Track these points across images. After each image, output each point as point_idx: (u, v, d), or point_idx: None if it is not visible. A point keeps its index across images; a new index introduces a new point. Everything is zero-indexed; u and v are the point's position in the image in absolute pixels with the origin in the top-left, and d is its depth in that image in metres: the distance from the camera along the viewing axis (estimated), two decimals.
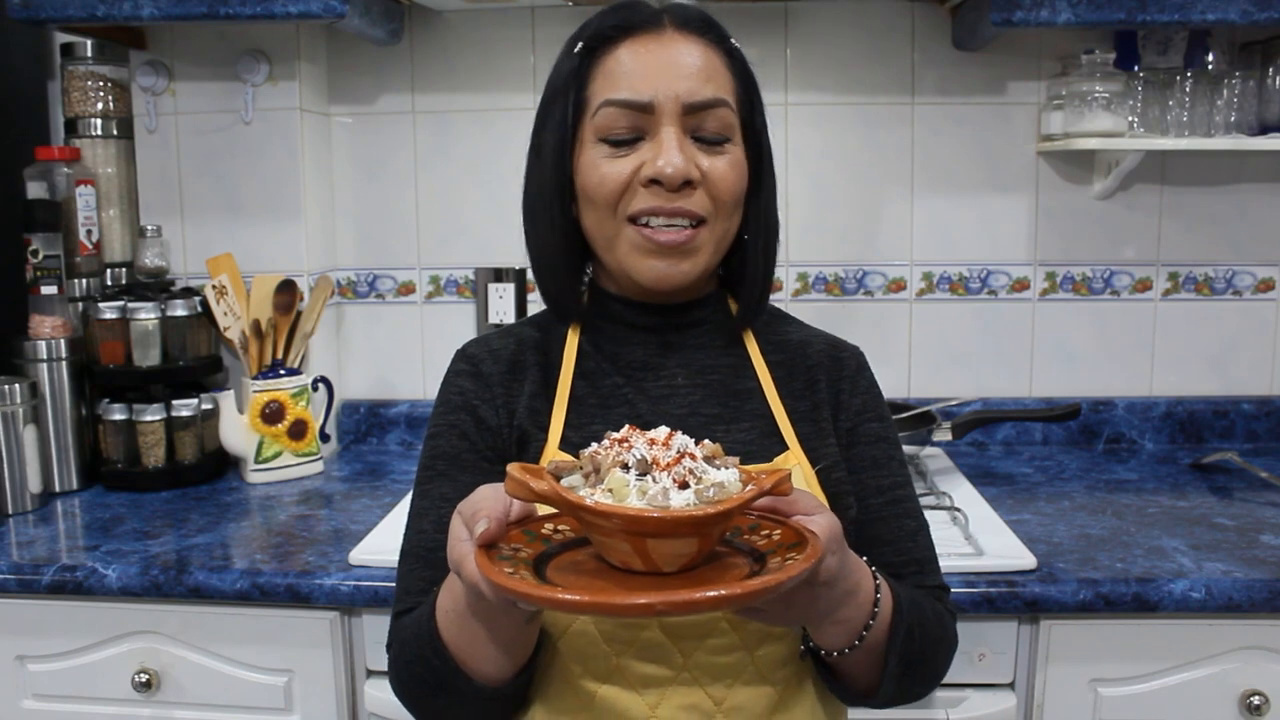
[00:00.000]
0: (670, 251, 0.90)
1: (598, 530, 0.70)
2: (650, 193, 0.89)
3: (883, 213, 1.92)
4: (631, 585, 0.69)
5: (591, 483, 0.70)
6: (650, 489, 0.67)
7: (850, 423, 0.98)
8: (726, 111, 0.92)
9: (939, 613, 0.93)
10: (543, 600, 0.65)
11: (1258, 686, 1.28)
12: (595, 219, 0.93)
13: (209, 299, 1.76)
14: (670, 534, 0.68)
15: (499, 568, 0.68)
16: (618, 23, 0.93)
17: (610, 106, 0.90)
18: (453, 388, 0.98)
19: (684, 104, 0.89)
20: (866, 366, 1.02)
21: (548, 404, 0.96)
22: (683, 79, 0.90)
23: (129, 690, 1.36)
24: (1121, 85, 1.75)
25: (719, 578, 0.70)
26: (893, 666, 0.86)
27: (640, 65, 0.90)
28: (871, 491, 0.97)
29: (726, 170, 0.91)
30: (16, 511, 1.58)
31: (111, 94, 1.83)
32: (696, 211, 0.90)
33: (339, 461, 1.90)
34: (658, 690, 0.87)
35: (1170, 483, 1.69)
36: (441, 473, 0.95)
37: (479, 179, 1.93)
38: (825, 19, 1.88)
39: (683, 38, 0.92)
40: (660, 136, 0.89)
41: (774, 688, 0.89)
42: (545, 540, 0.76)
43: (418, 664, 0.86)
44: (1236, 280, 1.92)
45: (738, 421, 0.96)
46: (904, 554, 0.96)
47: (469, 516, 0.73)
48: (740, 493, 0.69)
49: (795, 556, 0.70)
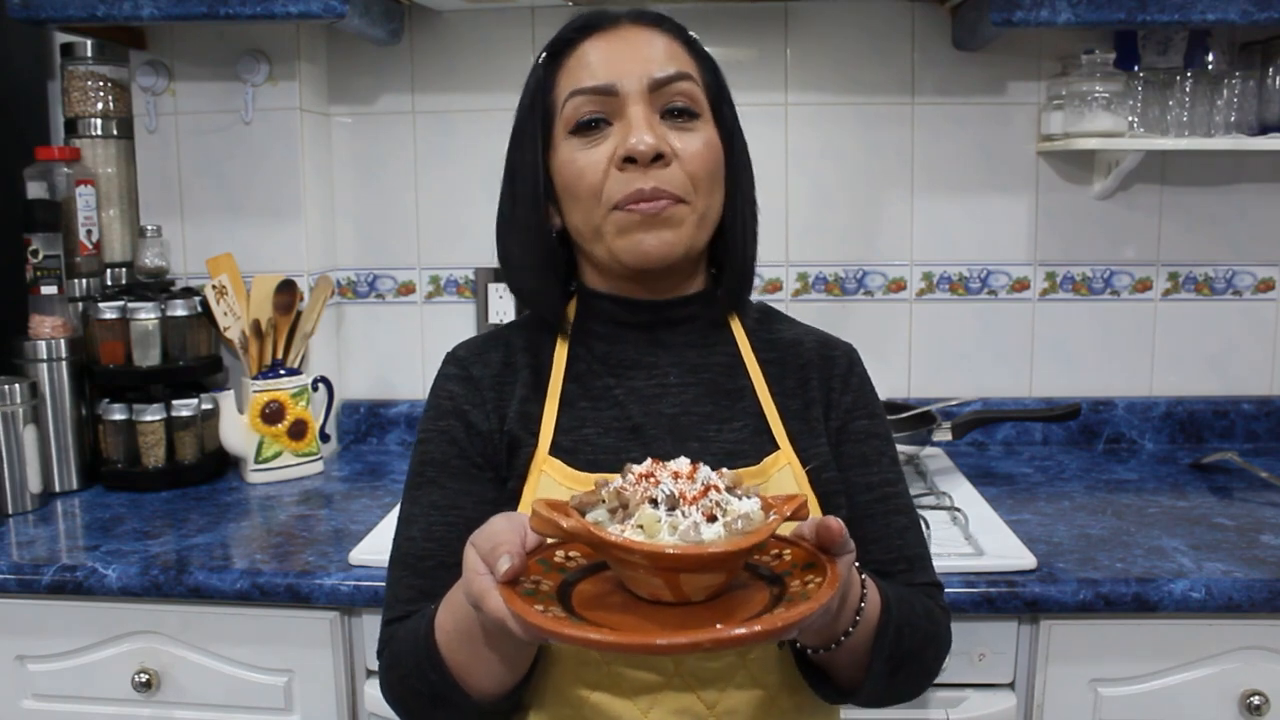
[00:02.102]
0: (652, 222, 0.91)
1: (628, 566, 0.70)
2: (627, 175, 0.90)
3: (882, 213, 1.92)
4: (661, 618, 0.69)
5: (619, 518, 0.70)
6: (681, 524, 0.68)
7: (840, 420, 0.98)
8: (691, 85, 0.93)
9: (929, 610, 0.93)
10: (583, 641, 0.65)
11: (1258, 686, 1.28)
12: (582, 213, 0.93)
13: (209, 299, 1.76)
14: (704, 569, 0.69)
15: (529, 604, 0.68)
16: (578, 25, 0.95)
17: (576, 96, 0.92)
18: (442, 392, 0.98)
19: (648, 81, 0.91)
20: (859, 364, 1.02)
21: (539, 408, 0.96)
22: (644, 60, 0.92)
23: (129, 690, 1.36)
24: (1121, 85, 1.75)
25: (744, 604, 0.71)
26: (879, 666, 0.85)
27: (601, 55, 0.92)
28: (860, 489, 0.96)
29: (700, 146, 0.92)
30: (16, 511, 1.58)
31: (111, 94, 1.83)
32: (674, 190, 0.91)
33: (339, 461, 1.90)
34: (650, 696, 0.87)
35: (1170, 483, 1.69)
36: (431, 479, 0.95)
37: (479, 179, 1.93)
38: (825, 19, 1.88)
39: (642, 28, 0.95)
40: (628, 116, 0.91)
41: (766, 691, 0.89)
42: (560, 569, 0.76)
43: (414, 678, 0.85)
44: (1236, 280, 1.91)
45: (729, 420, 0.96)
46: (893, 551, 0.95)
47: (488, 552, 0.72)
48: (765, 522, 0.70)
49: (813, 579, 0.71)
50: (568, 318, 1.00)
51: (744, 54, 1.89)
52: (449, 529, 0.92)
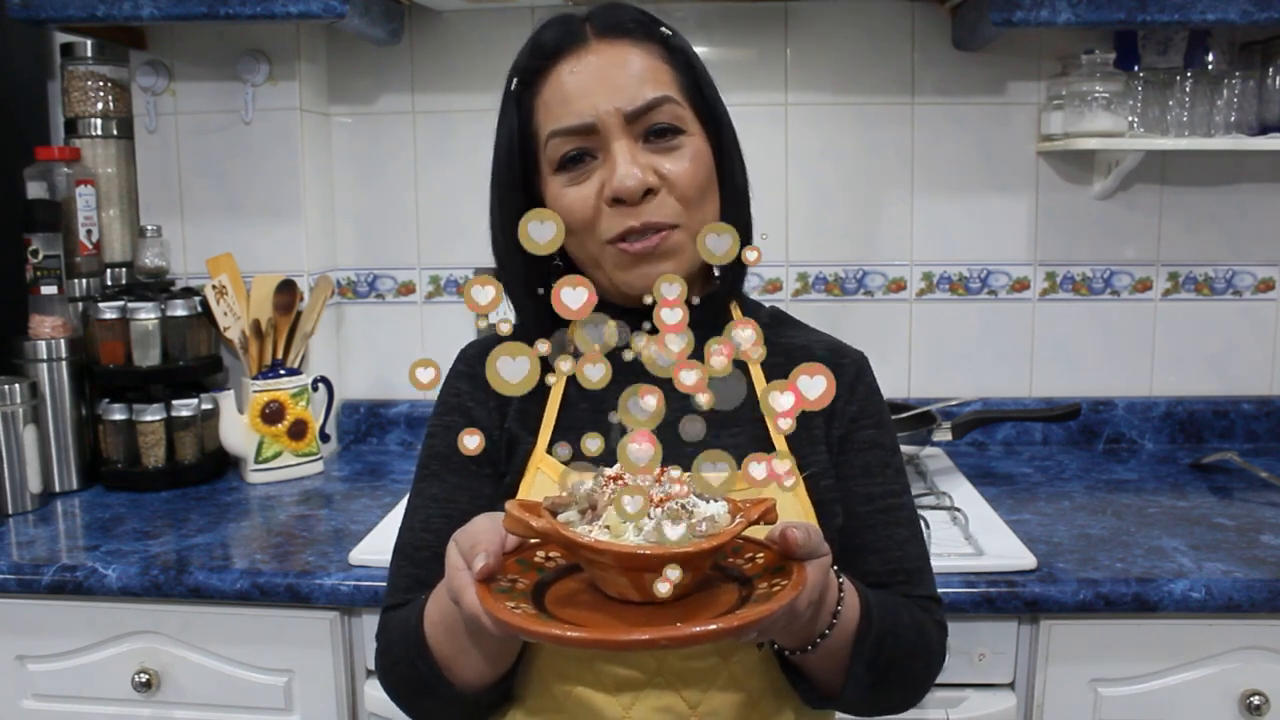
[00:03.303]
0: (649, 257, 0.90)
1: (595, 565, 0.72)
2: (617, 212, 0.89)
3: (882, 213, 1.92)
4: (629, 617, 0.71)
5: (589, 519, 0.72)
6: (645, 525, 0.70)
7: (843, 430, 0.97)
8: (672, 106, 0.91)
9: (920, 622, 0.92)
10: (547, 637, 0.67)
11: (1258, 686, 1.28)
12: (577, 243, 0.93)
13: (209, 299, 1.76)
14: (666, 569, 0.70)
15: (500, 601, 0.70)
16: (542, 49, 0.92)
17: (556, 138, 0.90)
18: (450, 389, 1.00)
19: (625, 114, 0.89)
20: (867, 372, 1.01)
21: (539, 408, 0.96)
22: (618, 91, 0.89)
23: (129, 690, 1.36)
24: (1121, 85, 1.75)
25: (710, 604, 0.72)
26: (859, 671, 0.85)
27: (574, 87, 0.90)
28: (860, 499, 0.96)
29: (686, 166, 0.90)
30: (16, 511, 1.58)
31: (111, 94, 1.83)
32: (665, 221, 0.90)
33: (339, 461, 1.90)
34: (632, 693, 0.87)
35: (1170, 483, 1.69)
36: (434, 473, 0.97)
37: (479, 179, 1.89)
38: (825, 19, 1.88)
39: (610, 46, 0.91)
40: (612, 152, 0.89)
41: (749, 694, 0.89)
42: (538, 569, 0.78)
43: (404, 666, 0.88)
44: (1236, 280, 1.91)
45: (728, 426, 0.95)
46: (892, 563, 0.95)
47: (467, 550, 0.74)
48: (729, 525, 0.72)
49: (780, 582, 0.73)
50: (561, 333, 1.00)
51: (744, 54, 1.89)
52: (446, 522, 0.93)
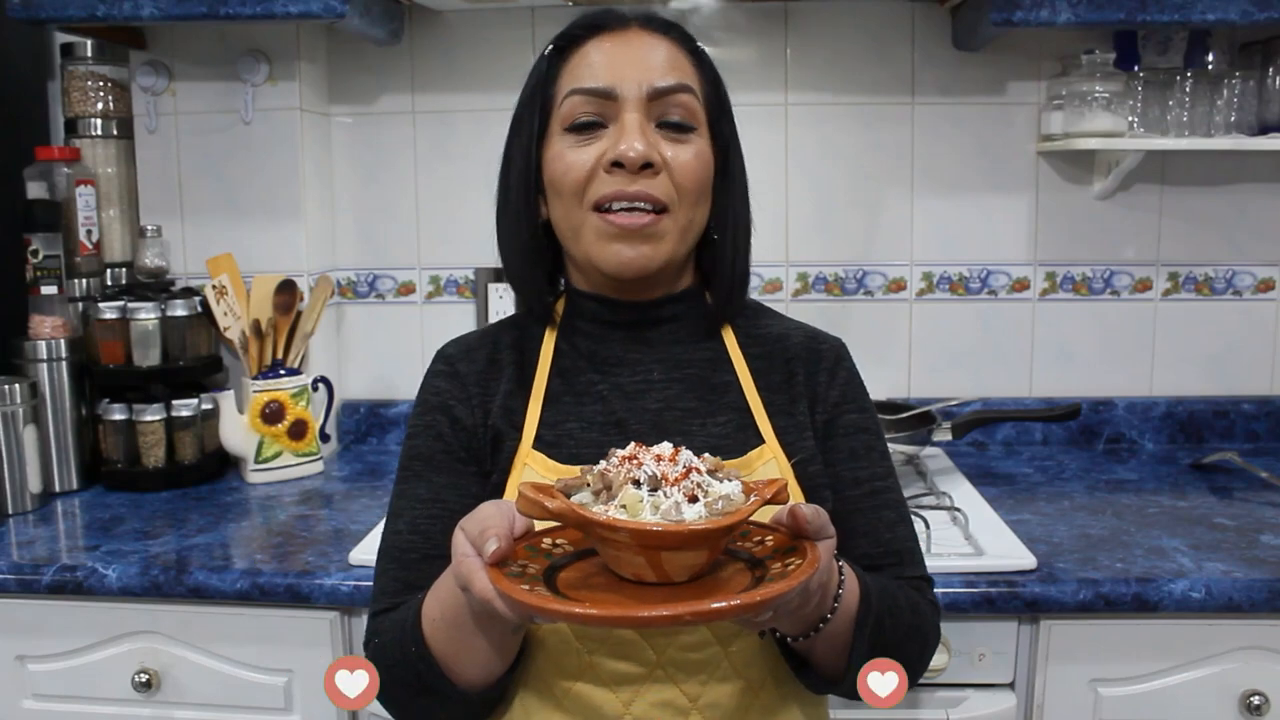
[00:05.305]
0: (631, 235, 0.91)
1: (612, 545, 0.72)
2: (613, 177, 0.90)
3: (882, 213, 1.92)
4: (645, 597, 0.71)
5: (603, 499, 0.72)
6: (663, 504, 0.70)
7: (827, 415, 0.98)
8: (690, 98, 0.93)
9: (914, 603, 0.93)
10: (567, 615, 0.67)
11: (1258, 686, 1.28)
12: (563, 209, 0.94)
13: (209, 299, 1.76)
14: (686, 546, 0.70)
15: (515, 584, 0.70)
16: (585, 22, 0.95)
17: (575, 95, 0.92)
18: (430, 388, 1.00)
19: (648, 90, 0.91)
20: (846, 358, 1.02)
21: (523, 402, 0.97)
22: (646, 68, 0.92)
23: (129, 690, 1.36)
24: (1121, 85, 1.75)
25: (725, 585, 0.72)
26: (861, 655, 0.85)
27: (605, 57, 0.93)
28: (848, 483, 0.97)
29: (690, 158, 0.92)
30: (16, 511, 1.58)
31: (111, 94, 1.83)
32: (658, 196, 0.91)
33: (339, 461, 1.90)
34: (631, 687, 0.87)
35: (1170, 483, 1.69)
36: (417, 474, 0.97)
37: (479, 179, 1.90)
38: (825, 19, 1.88)
39: (648, 35, 0.94)
40: (623, 121, 0.91)
41: (749, 683, 0.89)
42: (547, 555, 0.78)
43: (401, 668, 0.86)
44: (1236, 280, 1.91)
45: (714, 415, 0.96)
46: (882, 545, 0.96)
47: (476, 535, 0.73)
48: (745, 504, 0.72)
49: (794, 561, 0.73)
50: (556, 310, 1.01)
51: (744, 54, 1.89)
52: (433, 522, 0.93)
